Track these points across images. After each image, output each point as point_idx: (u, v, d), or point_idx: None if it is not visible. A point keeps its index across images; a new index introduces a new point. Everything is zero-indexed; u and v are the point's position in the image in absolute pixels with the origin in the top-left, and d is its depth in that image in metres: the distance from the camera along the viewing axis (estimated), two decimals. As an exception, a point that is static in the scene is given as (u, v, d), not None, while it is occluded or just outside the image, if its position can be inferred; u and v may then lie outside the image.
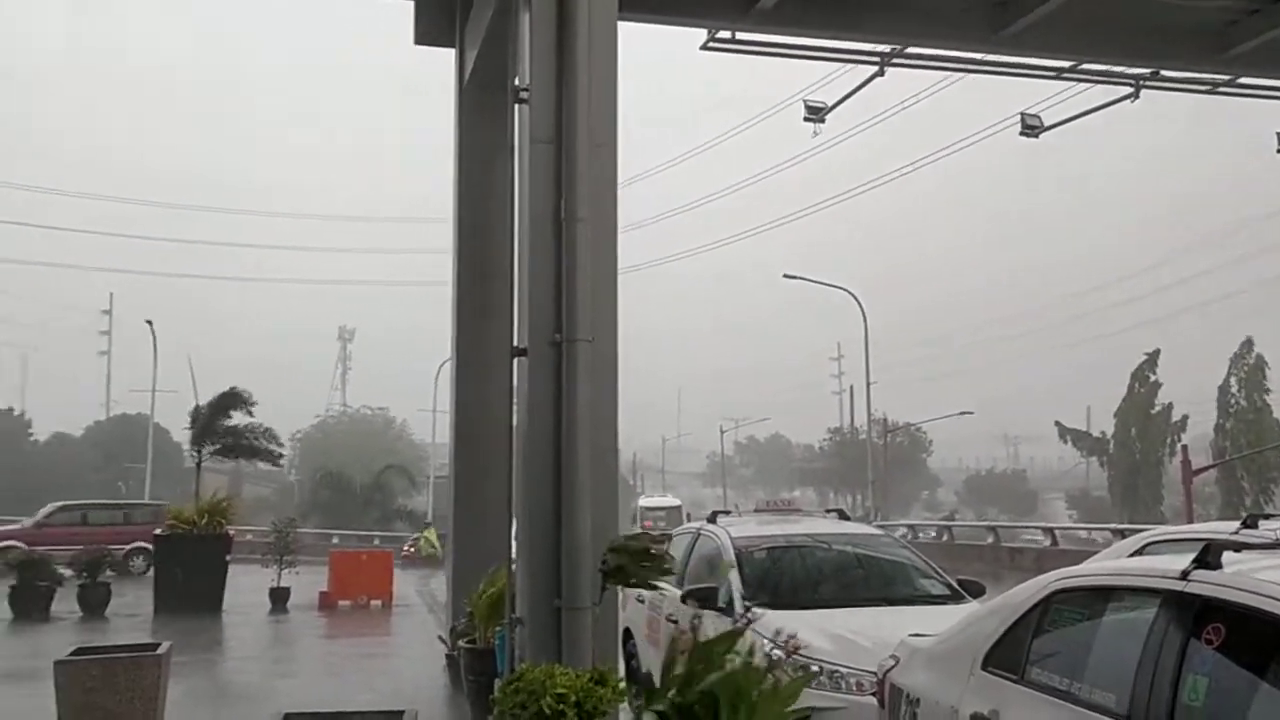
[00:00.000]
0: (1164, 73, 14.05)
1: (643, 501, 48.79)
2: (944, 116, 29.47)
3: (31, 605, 17.32)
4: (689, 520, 22.62)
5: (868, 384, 43.42)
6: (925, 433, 75.03)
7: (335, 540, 39.30)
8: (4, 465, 58.04)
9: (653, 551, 6.25)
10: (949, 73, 14.59)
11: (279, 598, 19.42)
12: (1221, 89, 14.21)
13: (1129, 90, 14.35)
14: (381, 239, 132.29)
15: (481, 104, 11.19)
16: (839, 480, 75.56)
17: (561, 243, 6.87)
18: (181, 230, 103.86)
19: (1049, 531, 29.50)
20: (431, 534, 26.48)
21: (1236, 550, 3.74)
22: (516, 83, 7.33)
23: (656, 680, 5.38)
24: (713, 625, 5.66)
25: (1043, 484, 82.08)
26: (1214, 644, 3.46)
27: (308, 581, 20.23)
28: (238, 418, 21.38)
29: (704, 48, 12.42)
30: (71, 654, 6.82)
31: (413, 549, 29.51)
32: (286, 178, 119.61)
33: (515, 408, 7.34)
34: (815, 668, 6.34)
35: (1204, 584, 3.57)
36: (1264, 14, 11.91)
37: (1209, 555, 3.62)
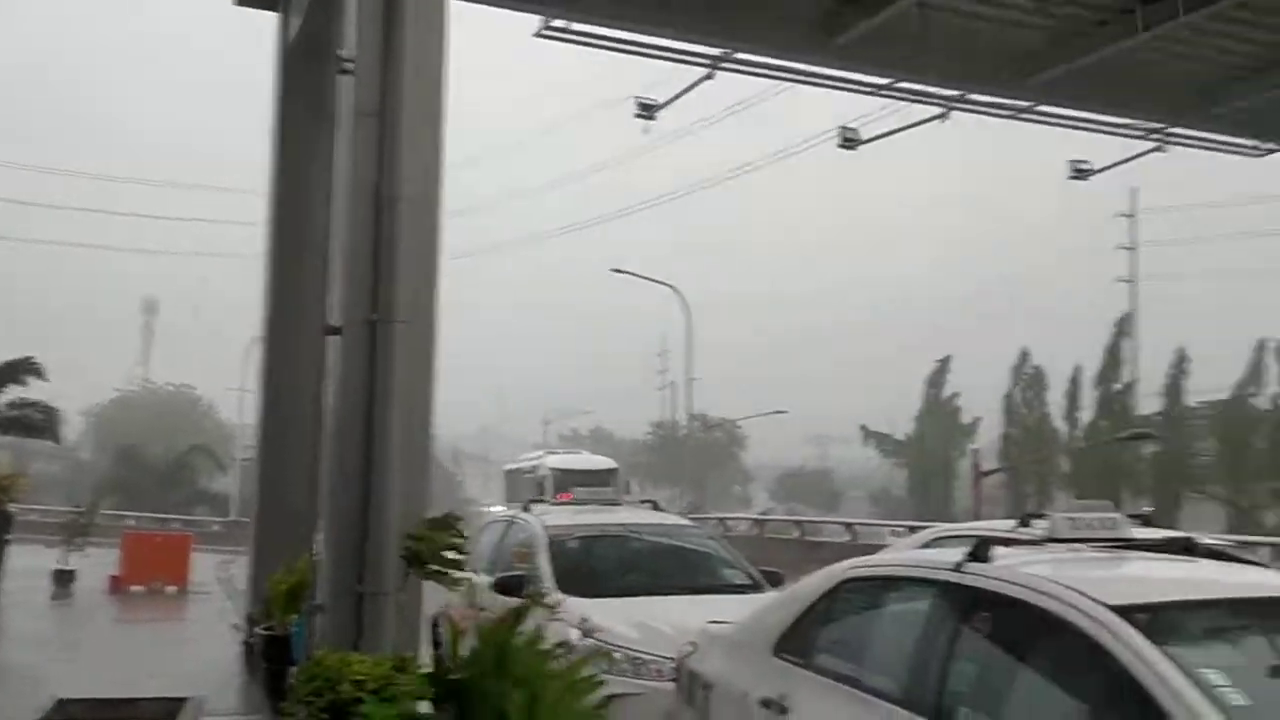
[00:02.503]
0: (972, 96, 14.87)
1: (553, 461, 34.32)
2: (773, 124, 30.24)
3: None
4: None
5: (688, 379, 44.33)
6: (742, 429, 76.89)
7: (131, 522, 37.31)
8: None
9: (451, 541, 6.16)
10: (777, 81, 15.03)
11: (63, 580, 18.37)
12: (1023, 115, 15.19)
13: (940, 111, 15.12)
14: (193, 207, 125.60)
15: (305, 73, 10.79)
16: (660, 473, 76.66)
17: (381, 220, 6.70)
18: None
19: (849, 526, 30.83)
20: None
21: (1007, 545, 4.01)
22: (341, 53, 7.10)
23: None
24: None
25: (848, 483, 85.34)
26: (982, 631, 3.70)
27: (98, 564, 19.20)
28: (30, 389, 20.09)
29: (538, 35, 12.40)
30: None
31: None
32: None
33: (327, 387, 7.14)
34: (616, 654, 6.42)
35: (975, 576, 3.81)
36: (1061, 46, 12.82)
37: (980, 549, 3.87)
